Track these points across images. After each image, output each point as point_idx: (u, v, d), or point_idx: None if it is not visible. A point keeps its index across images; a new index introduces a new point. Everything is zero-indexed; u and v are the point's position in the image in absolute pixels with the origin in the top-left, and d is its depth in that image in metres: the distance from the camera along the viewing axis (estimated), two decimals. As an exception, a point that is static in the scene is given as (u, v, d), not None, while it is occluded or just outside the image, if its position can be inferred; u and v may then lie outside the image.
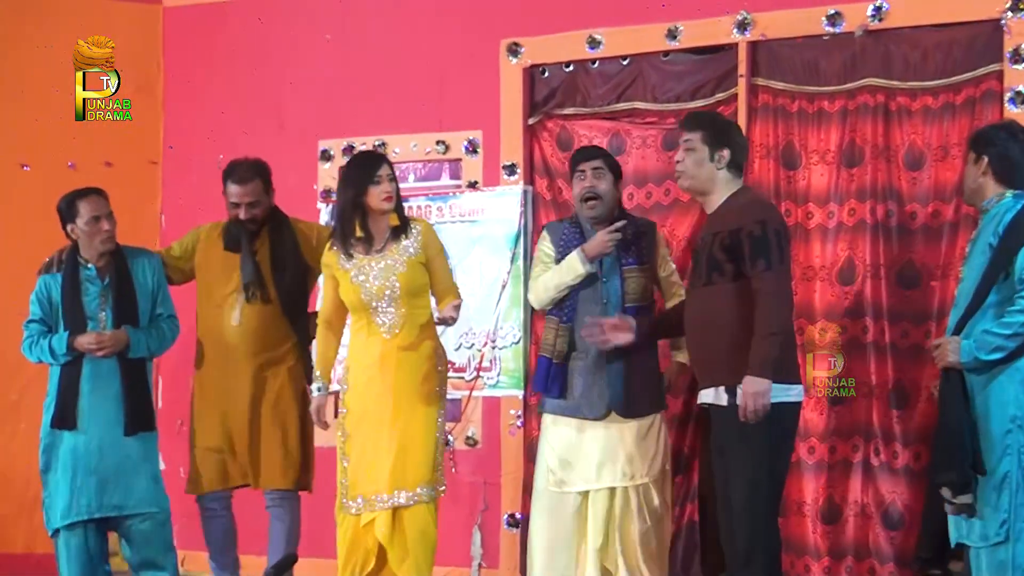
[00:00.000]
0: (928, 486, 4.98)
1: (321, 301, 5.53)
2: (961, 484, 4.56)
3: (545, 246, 5.57)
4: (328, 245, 5.40)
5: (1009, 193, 4.64)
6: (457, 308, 5.30)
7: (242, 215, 5.68)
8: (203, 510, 5.79)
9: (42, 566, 6.39)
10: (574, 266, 5.36)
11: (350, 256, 5.30)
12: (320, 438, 5.83)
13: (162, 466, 5.77)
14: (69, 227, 5.55)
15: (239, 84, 7.33)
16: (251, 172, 5.71)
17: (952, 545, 4.76)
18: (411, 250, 5.32)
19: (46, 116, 7.11)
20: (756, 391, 4.73)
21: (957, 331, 4.60)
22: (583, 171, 5.46)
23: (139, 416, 5.53)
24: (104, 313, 5.52)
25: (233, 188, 5.69)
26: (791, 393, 4.88)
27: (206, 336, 5.76)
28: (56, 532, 5.53)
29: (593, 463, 5.32)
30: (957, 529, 4.70)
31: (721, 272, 4.90)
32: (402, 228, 5.34)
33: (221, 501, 5.77)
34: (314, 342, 5.58)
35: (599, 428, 5.35)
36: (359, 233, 5.30)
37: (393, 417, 5.25)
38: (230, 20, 7.40)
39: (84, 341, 5.45)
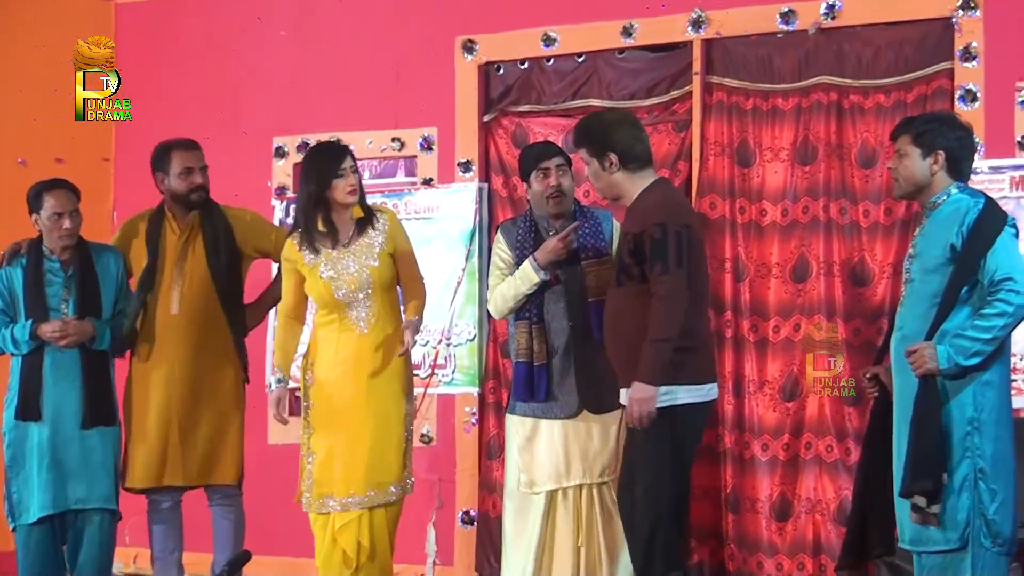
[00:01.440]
0: (857, 482, 4.90)
1: (282, 294, 5.39)
2: (936, 493, 4.43)
3: (500, 249, 5.49)
4: (289, 238, 5.31)
5: (954, 187, 4.58)
6: (416, 329, 5.24)
7: (199, 179, 5.57)
8: (151, 505, 5.65)
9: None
10: (528, 275, 5.30)
11: (316, 251, 5.22)
12: (277, 435, 5.77)
13: None
14: (34, 217, 5.50)
15: (193, 80, 7.28)
16: (193, 142, 5.64)
17: (900, 545, 4.67)
18: (379, 241, 5.24)
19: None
20: (641, 397, 4.71)
21: (928, 338, 4.47)
22: (547, 168, 5.37)
23: (98, 409, 5.45)
24: (67, 305, 5.46)
25: (184, 155, 5.58)
26: (695, 394, 4.83)
27: (143, 327, 5.60)
28: (19, 526, 5.45)
29: (562, 461, 5.30)
30: (913, 533, 4.58)
31: (628, 275, 4.86)
32: (367, 220, 5.27)
33: (171, 499, 5.65)
34: (272, 336, 5.46)
35: (568, 425, 5.32)
36: (321, 227, 5.21)
37: (367, 415, 5.17)
38: (183, 16, 7.35)
39: (48, 329, 5.37)
